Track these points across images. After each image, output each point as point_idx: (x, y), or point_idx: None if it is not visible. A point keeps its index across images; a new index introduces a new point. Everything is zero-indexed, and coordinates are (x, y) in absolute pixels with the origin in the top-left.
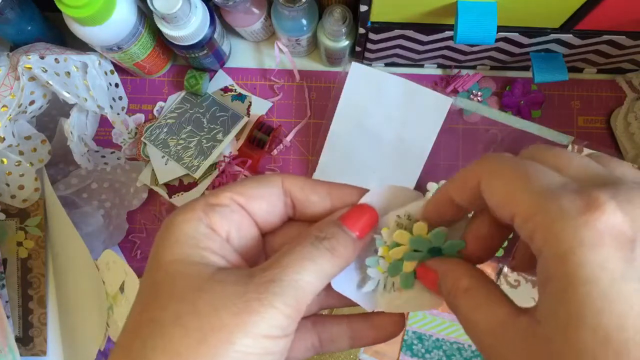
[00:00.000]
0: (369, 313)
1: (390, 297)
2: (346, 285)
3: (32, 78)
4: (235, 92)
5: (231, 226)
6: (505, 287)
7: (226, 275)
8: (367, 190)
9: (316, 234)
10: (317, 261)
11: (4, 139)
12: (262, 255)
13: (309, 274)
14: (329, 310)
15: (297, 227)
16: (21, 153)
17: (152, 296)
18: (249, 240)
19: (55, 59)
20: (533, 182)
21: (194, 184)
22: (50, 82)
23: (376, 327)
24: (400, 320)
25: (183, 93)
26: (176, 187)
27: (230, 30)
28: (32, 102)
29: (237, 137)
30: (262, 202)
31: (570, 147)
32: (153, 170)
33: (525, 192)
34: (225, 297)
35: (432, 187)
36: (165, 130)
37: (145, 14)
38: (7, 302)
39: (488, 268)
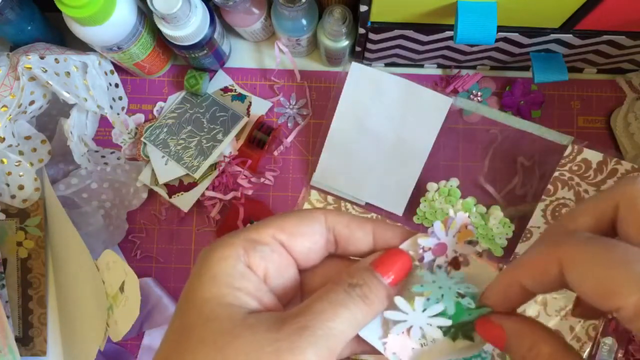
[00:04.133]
0: None
1: (421, 350)
2: (374, 334)
3: (32, 78)
4: (235, 92)
5: (270, 266)
6: None
7: (257, 319)
8: (413, 233)
9: (349, 280)
10: (351, 309)
11: (4, 139)
12: (299, 294)
13: (342, 322)
14: (355, 355)
15: (336, 264)
16: (21, 153)
17: (184, 337)
18: (287, 281)
19: (55, 59)
20: (636, 269)
21: (194, 184)
22: (50, 82)
23: None
24: None
25: (183, 93)
26: (176, 187)
27: (230, 30)
28: (32, 102)
29: (237, 137)
30: (304, 240)
31: (570, 147)
32: (153, 170)
33: (630, 283)
34: (256, 344)
35: (431, 187)
36: (165, 130)
37: (145, 14)
38: (7, 302)
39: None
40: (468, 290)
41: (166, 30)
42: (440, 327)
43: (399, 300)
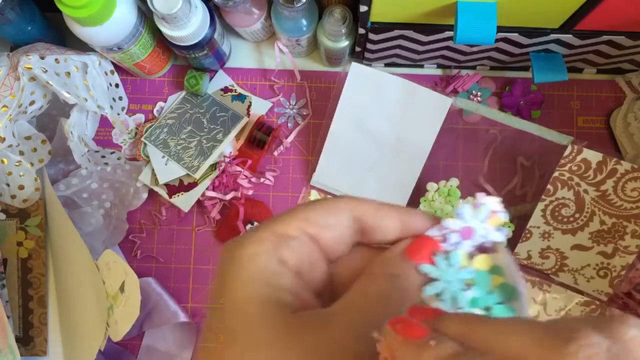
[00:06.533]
0: None
1: None
2: None
3: (33, 78)
4: (235, 92)
5: (301, 260)
6: None
7: (303, 319)
8: (438, 219)
9: (386, 271)
10: (393, 302)
11: (4, 139)
12: (328, 286)
13: (389, 317)
14: None
15: (362, 253)
16: (21, 153)
17: (230, 343)
18: (318, 274)
19: (56, 59)
20: None
21: (194, 184)
22: (51, 82)
23: None
24: None
25: (183, 93)
26: (176, 187)
27: (230, 30)
28: (32, 103)
29: (237, 137)
30: (332, 231)
31: (570, 147)
32: (153, 170)
33: None
34: (309, 347)
35: (431, 187)
36: (165, 130)
37: (145, 14)
38: (7, 302)
39: None
40: (476, 295)
41: (166, 30)
42: None
43: (426, 292)
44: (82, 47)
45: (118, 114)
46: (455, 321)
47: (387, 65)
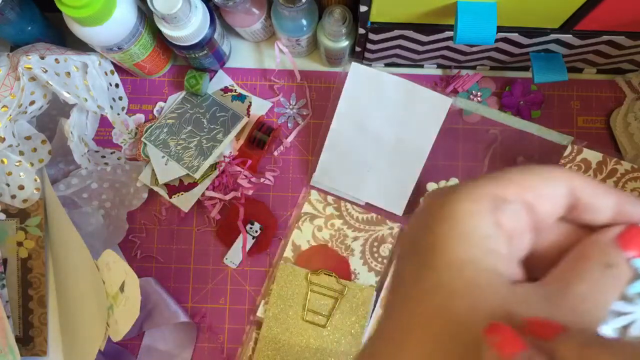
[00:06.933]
0: None
1: None
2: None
3: (33, 78)
4: (235, 92)
5: (515, 227)
6: None
7: (524, 295)
8: None
9: (604, 259)
10: (605, 296)
11: (4, 139)
12: (527, 257)
13: (600, 310)
14: None
15: (566, 229)
16: (21, 153)
17: (450, 302)
18: (524, 243)
19: (56, 59)
20: None
21: (194, 184)
22: (51, 83)
23: None
24: None
25: (183, 93)
26: (176, 187)
27: (230, 30)
28: (32, 103)
29: (237, 137)
30: (547, 202)
31: (569, 147)
32: (153, 170)
33: None
34: None
35: (431, 187)
36: (165, 130)
37: (145, 14)
38: (7, 302)
39: None
40: None
41: (166, 30)
42: None
43: (634, 288)
44: (82, 47)
45: (118, 114)
46: (573, 347)
47: (387, 65)
